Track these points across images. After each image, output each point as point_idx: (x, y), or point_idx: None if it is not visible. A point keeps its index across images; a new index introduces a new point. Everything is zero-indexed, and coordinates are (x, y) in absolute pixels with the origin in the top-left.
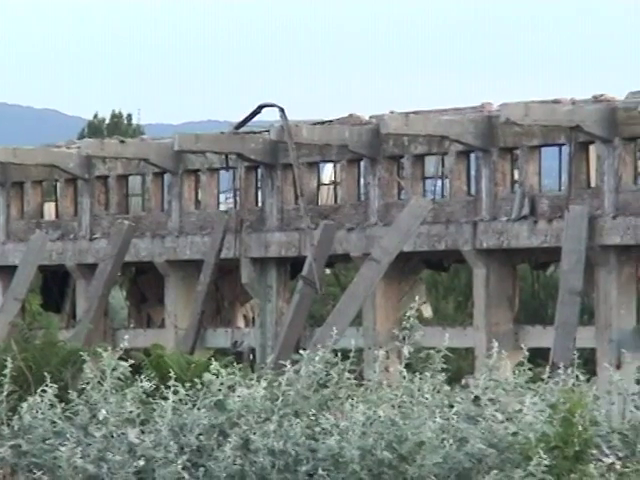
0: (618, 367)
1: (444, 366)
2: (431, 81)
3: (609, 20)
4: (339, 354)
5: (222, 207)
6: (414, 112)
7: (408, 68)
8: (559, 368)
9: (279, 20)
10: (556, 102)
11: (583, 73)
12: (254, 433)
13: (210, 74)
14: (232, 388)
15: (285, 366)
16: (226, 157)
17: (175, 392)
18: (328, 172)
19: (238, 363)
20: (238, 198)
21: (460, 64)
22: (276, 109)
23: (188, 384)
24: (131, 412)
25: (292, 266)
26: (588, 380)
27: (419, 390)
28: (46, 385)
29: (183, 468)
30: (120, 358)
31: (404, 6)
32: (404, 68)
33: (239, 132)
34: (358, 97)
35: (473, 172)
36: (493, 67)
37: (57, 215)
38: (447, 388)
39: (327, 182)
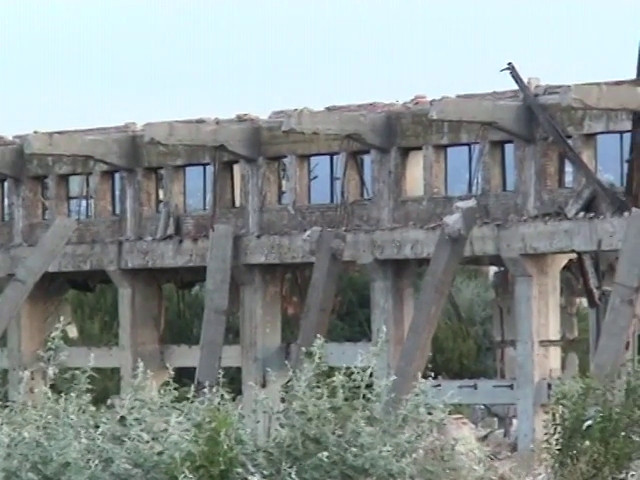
0: (263, 385)
1: (89, 386)
2: (75, 100)
3: (244, 40)
4: None
5: None
6: (58, 132)
7: (50, 87)
8: (204, 387)
9: None
10: (200, 122)
11: (226, 93)
12: None
13: None
14: None
15: None
16: None
17: None
18: None
19: None
20: None
21: (103, 83)
22: None
23: None
24: None
25: None
26: (234, 399)
27: (64, 411)
28: None
29: None
30: None
31: (58, 25)
32: (46, 86)
33: None
34: (1, 117)
35: (118, 192)
36: (137, 87)
37: None
38: (93, 408)
39: None
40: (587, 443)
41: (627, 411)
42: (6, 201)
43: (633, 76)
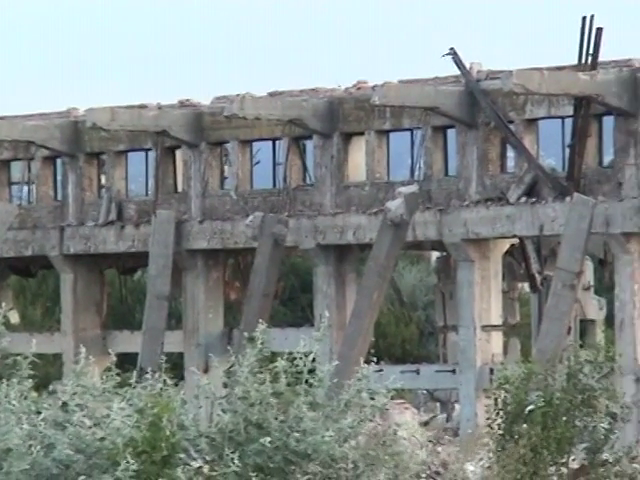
0: (206, 371)
1: (31, 372)
2: (16, 86)
3: (185, 25)
4: None
5: None
6: None
7: None
8: (147, 373)
9: None
10: (142, 107)
11: (168, 78)
12: None
13: None
14: None
15: None
16: None
17: None
18: None
19: None
20: None
21: (45, 68)
22: None
23: None
24: None
25: None
26: (176, 384)
27: (6, 397)
28: None
29: None
30: None
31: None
32: None
33: None
34: None
35: (60, 177)
36: (78, 72)
37: None
38: (34, 394)
39: None
40: (525, 427)
41: (568, 396)
42: None
43: (574, 61)
